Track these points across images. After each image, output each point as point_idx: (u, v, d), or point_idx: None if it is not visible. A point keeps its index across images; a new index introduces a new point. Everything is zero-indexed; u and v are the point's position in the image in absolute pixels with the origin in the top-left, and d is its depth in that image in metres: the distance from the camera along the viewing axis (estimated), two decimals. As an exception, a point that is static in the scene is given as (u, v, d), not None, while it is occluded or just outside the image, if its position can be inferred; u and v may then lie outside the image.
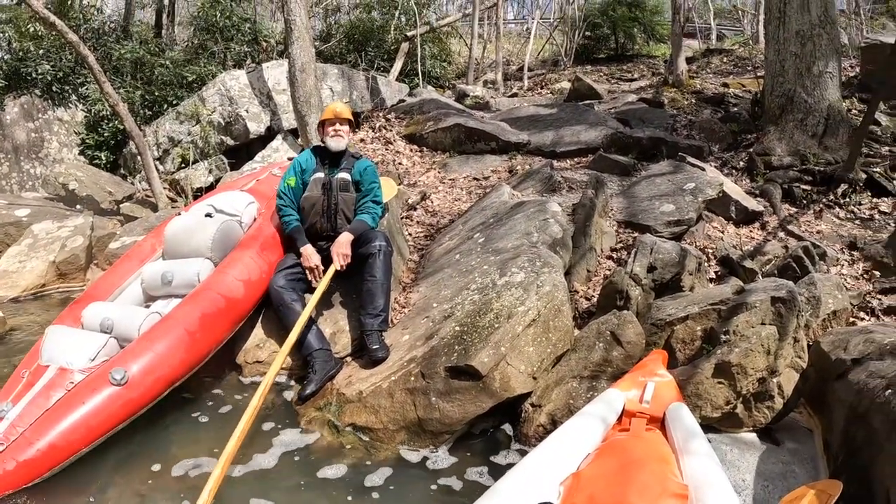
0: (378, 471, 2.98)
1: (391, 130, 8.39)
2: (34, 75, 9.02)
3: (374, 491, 2.84)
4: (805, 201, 5.86)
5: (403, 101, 9.82)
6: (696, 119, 8.32)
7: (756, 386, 3.12)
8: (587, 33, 15.86)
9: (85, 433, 2.87)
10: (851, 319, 4.03)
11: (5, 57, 9.44)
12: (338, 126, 4.06)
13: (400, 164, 7.48)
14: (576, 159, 7.17)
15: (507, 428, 3.31)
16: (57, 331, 3.38)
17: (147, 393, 3.12)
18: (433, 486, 2.88)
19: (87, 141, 9.12)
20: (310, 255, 3.85)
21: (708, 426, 3.13)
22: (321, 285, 3.71)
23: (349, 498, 2.79)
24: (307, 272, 3.86)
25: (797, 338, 3.27)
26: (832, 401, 3.11)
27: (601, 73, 13.62)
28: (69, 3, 10.33)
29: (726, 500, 2.14)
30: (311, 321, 3.71)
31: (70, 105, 9.40)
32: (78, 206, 7.31)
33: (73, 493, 2.75)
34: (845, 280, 4.52)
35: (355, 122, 4.28)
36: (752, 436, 3.18)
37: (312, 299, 3.62)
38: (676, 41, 10.96)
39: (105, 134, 8.95)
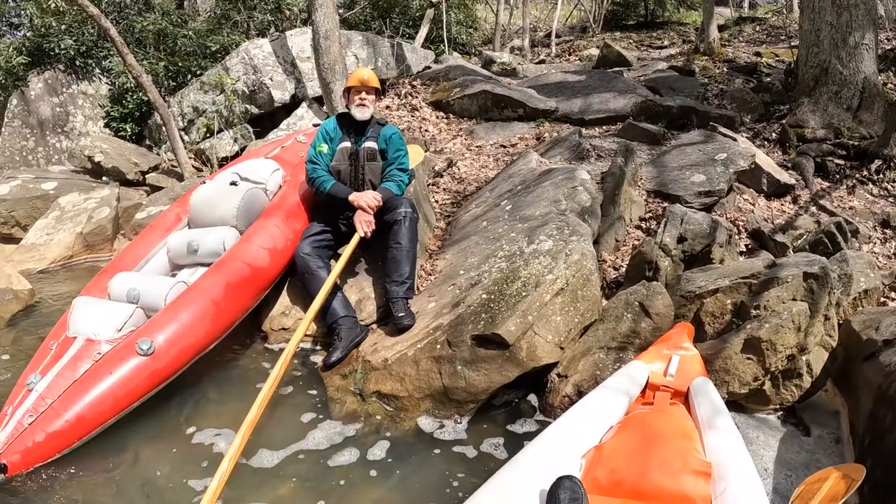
0: (402, 438, 2.99)
1: (417, 97, 8.32)
2: (57, 51, 9.03)
3: (396, 459, 2.85)
4: (838, 176, 5.75)
5: (429, 67, 9.72)
6: (727, 88, 8.16)
7: (785, 363, 3.06)
8: (616, -1, 15.58)
9: (112, 403, 2.91)
10: (882, 299, 3.95)
11: (28, 34, 9.47)
12: (364, 95, 3.95)
13: (426, 130, 7.42)
14: (604, 127, 7.06)
15: (532, 398, 3.29)
16: (84, 302, 3.40)
17: (174, 362, 3.14)
18: (457, 455, 2.88)
19: (112, 113, 9.16)
20: (360, 195, 3.77)
21: (734, 403, 3.10)
22: (346, 253, 3.68)
23: (373, 464, 2.80)
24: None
25: (828, 315, 3.20)
26: (860, 381, 3.06)
27: (630, 40, 13.38)
28: (90, -23, 10.30)
29: (749, 478, 2.11)
30: (337, 288, 3.70)
31: (94, 78, 9.42)
32: (104, 178, 7.35)
33: (100, 463, 2.79)
34: (878, 258, 4.44)
35: (381, 90, 4.18)
36: (777, 420, 3.14)
37: (337, 266, 3.60)
38: (708, 8, 10.70)
39: (129, 106, 8.99)
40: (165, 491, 2.63)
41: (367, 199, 3.74)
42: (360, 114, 3.95)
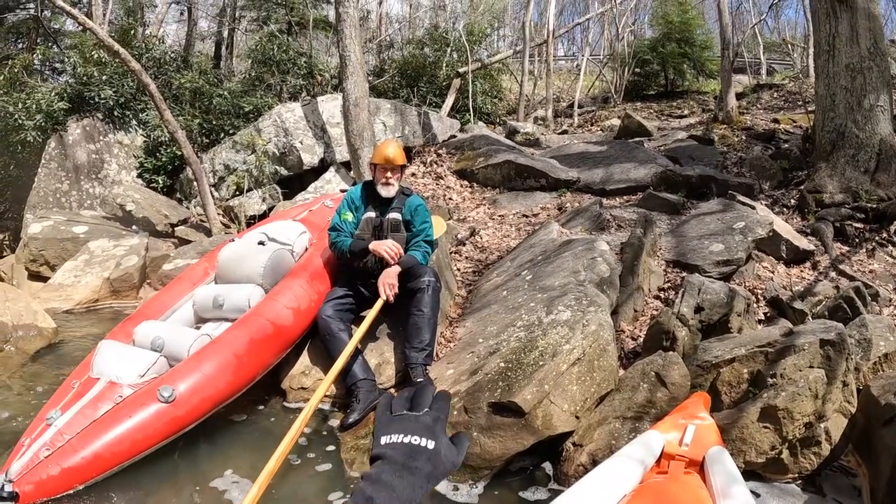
0: (415, 503, 2.99)
1: (442, 165, 8.50)
2: (97, 99, 9.37)
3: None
4: (857, 239, 5.76)
5: (454, 136, 9.96)
6: (746, 156, 8.24)
7: (802, 431, 3.04)
8: (637, 70, 15.87)
9: (129, 446, 2.95)
10: (903, 363, 3.91)
11: (70, 81, 9.84)
12: (389, 175, 4.00)
13: (450, 199, 7.57)
14: (625, 197, 7.17)
15: (547, 466, 3.27)
16: (109, 345, 3.49)
17: (193, 412, 3.19)
18: (470, 522, 2.86)
19: (146, 165, 9.44)
20: (380, 243, 3.85)
21: (751, 472, 3.07)
22: (369, 316, 3.74)
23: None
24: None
25: (846, 382, 3.19)
26: (880, 447, 3.02)
27: (651, 110, 13.60)
28: (132, 32, 10.76)
29: None
30: (357, 351, 3.74)
31: (130, 129, 9.73)
32: (134, 227, 7.54)
33: (112, 502, 2.82)
34: (898, 321, 4.40)
35: (406, 159, 4.26)
36: (794, 487, 3.08)
37: (360, 329, 3.66)
38: (726, 77, 10.91)
39: (163, 159, 9.25)
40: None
41: (387, 246, 3.82)
42: (385, 192, 4.03)
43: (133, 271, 5.97)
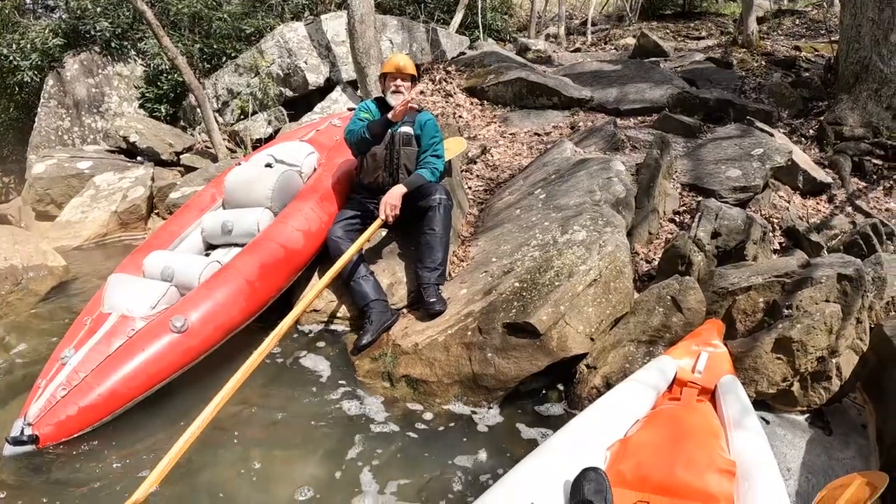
0: (429, 423, 3.01)
1: (451, 83, 8.27)
2: (93, 32, 9.14)
3: (423, 443, 2.87)
4: (875, 176, 5.67)
5: (464, 53, 9.70)
6: (765, 82, 8.01)
7: (815, 365, 3.01)
8: (653, -13, 15.36)
9: (145, 379, 2.96)
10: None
11: (63, 16, 9.59)
12: (399, 82, 3.96)
13: (460, 117, 7.41)
14: (640, 118, 6.96)
15: (561, 388, 3.28)
16: (119, 279, 3.47)
17: (206, 340, 3.20)
18: (482, 442, 2.89)
19: (147, 94, 9.26)
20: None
21: (761, 402, 3.06)
22: (363, 235, 3.69)
23: (399, 447, 2.83)
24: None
25: (860, 319, 3.13)
26: (890, 388, 3.00)
27: (667, 30, 13.18)
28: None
29: (772, 479, 2.09)
30: (369, 272, 3.73)
31: (129, 60, 9.51)
32: (138, 158, 7.47)
33: (131, 436, 2.86)
34: (913, 262, 4.33)
35: (417, 76, 4.18)
36: (803, 420, 3.08)
37: (355, 244, 3.61)
38: (747, -1, 10.50)
39: (164, 87, 9.09)
40: (194, 462, 2.68)
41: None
42: (394, 101, 3.93)
43: (140, 202, 5.94)
